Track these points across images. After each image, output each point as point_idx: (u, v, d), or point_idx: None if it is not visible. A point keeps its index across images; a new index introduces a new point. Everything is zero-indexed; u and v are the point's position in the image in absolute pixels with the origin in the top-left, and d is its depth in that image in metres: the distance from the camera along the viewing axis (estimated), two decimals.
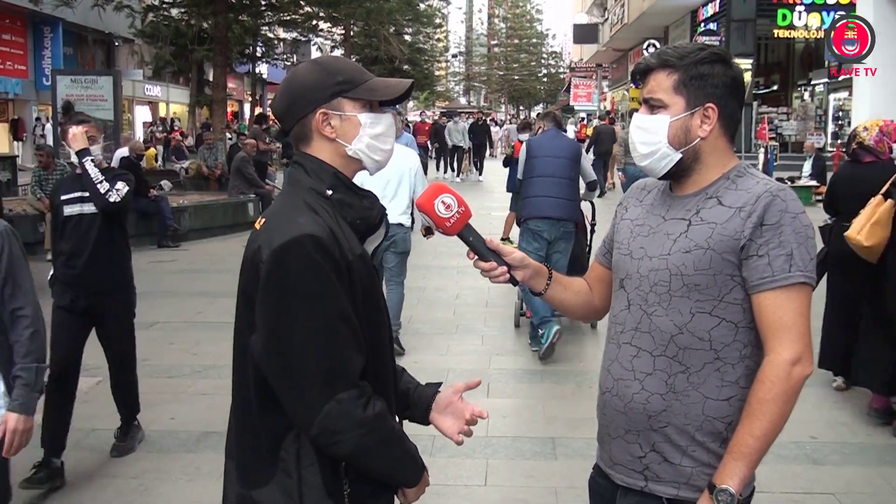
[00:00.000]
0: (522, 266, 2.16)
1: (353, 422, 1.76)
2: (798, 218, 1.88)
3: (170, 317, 7.81)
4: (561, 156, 6.78)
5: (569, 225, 6.76)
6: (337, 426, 1.75)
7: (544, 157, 6.79)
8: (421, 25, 37.61)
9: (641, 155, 2.03)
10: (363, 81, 1.93)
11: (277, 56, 31.08)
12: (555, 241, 6.69)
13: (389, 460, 1.87)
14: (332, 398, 1.75)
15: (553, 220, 6.63)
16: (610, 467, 2.10)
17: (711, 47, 2.01)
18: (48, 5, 16.10)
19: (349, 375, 1.78)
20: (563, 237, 6.72)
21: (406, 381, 2.15)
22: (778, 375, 1.84)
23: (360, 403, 1.77)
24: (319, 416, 1.74)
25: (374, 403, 1.80)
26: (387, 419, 1.84)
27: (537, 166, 6.78)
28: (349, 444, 1.77)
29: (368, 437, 1.79)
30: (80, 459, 4.68)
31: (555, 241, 6.69)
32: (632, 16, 33.52)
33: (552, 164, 6.73)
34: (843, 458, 4.74)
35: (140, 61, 25.00)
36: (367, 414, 1.77)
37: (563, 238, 6.73)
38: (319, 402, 1.75)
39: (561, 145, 6.92)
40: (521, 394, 5.84)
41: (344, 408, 1.75)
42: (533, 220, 6.71)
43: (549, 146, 6.89)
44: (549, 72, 71.84)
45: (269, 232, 1.81)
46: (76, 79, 14.90)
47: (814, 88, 27.55)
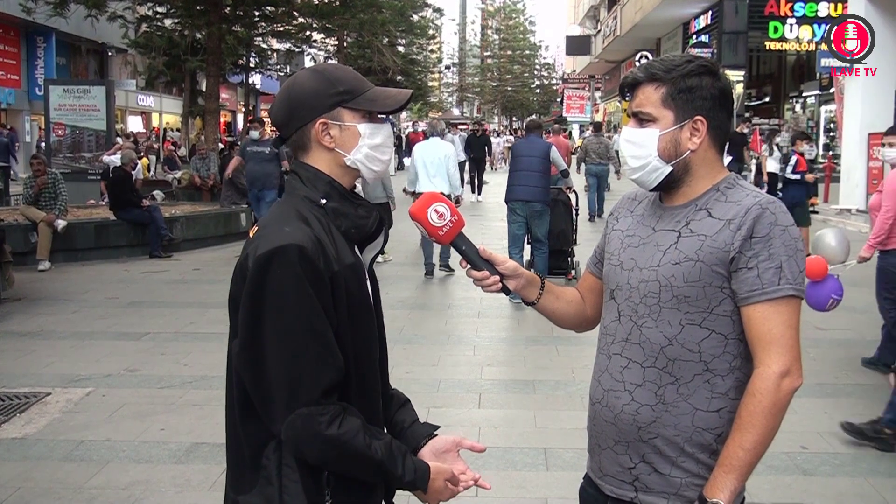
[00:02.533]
0: (515, 276, 2.16)
1: (312, 436, 1.76)
2: (787, 231, 1.88)
3: (161, 327, 7.79)
4: (533, 154, 9.24)
5: (536, 205, 9.19)
6: (299, 438, 1.77)
7: (521, 157, 9.33)
8: (414, 37, 37.76)
9: (632, 168, 2.04)
10: (363, 91, 1.93)
11: (271, 67, 31.15)
12: (529, 216, 9.25)
13: (360, 473, 1.86)
14: (294, 411, 1.75)
15: (524, 201, 9.19)
16: (600, 478, 2.10)
17: (699, 59, 2.01)
18: (41, 15, 16.11)
19: (311, 391, 1.76)
20: (534, 213, 9.23)
21: (403, 413, 2.13)
22: (767, 388, 1.83)
23: (321, 420, 1.76)
24: (284, 426, 1.76)
25: (338, 422, 1.77)
26: (350, 441, 1.78)
27: (516, 163, 9.36)
28: (313, 455, 1.79)
29: (330, 452, 1.79)
30: (70, 471, 4.66)
31: (529, 216, 9.25)
32: (624, 28, 33.71)
33: (526, 161, 9.24)
34: (834, 468, 4.74)
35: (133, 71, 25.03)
36: (328, 432, 1.76)
37: (535, 214, 9.24)
38: (283, 414, 1.76)
39: (533, 146, 9.38)
40: (513, 404, 5.84)
41: (305, 422, 1.75)
42: (511, 202, 9.36)
43: (525, 147, 9.46)
44: (541, 83, 72.08)
45: (257, 240, 1.82)
46: (69, 89, 14.89)
47: (805, 100, 27.72)
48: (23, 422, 5.40)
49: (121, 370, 6.42)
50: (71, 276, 10.58)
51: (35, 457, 4.87)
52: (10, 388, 6.06)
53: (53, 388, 6.05)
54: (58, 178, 11.56)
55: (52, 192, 11.33)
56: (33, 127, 26.84)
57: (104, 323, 7.98)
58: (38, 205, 11.21)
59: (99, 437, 5.16)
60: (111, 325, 7.79)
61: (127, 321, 8.03)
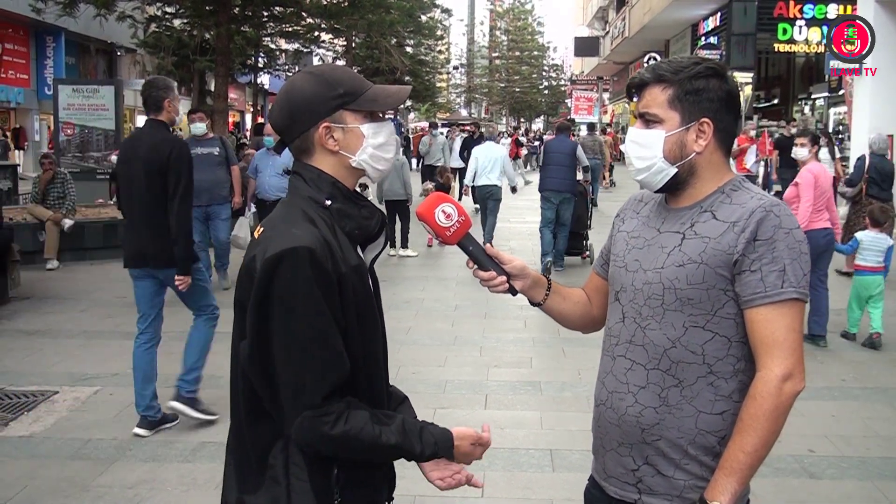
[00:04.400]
0: (522, 276, 2.16)
1: (319, 437, 1.78)
2: (792, 233, 1.88)
3: (167, 327, 7.72)
4: (562, 152, 11.03)
5: (566, 194, 10.93)
6: (308, 439, 1.79)
7: (553, 153, 11.08)
8: (422, 37, 37.72)
9: (637, 169, 2.03)
10: (363, 91, 1.93)
11: (279, 67, 31.14)
12: (559, 203, 10.93)
13: (379, 459, 1.91)
14: (300, 414, 1.77)
15: (556, 191, 10.91)
16: (604, 479, 2.10)
17: (707, 61, 2.01)
18: (51, 15, 16.13)
19: (313, 395, 1.77)
20: (563, 201, 10.95)
21: (402, 411, 2.12)
22: (769, 391, 1.83)
23: (325, 421, 1.77)
24: (292, 427, 1.78)
25: (343, 420, 1.79)
26: (357, 435, 1.80)
27: (549, 158, 11.10)
28: (328, 452, 1.82)
29: (341, 449, 1.82)
30: (77, 469, 4.67)
31: (559, 203, 10.93)
32: (633, 29, 33.65)
33: (557, 158, 11.00)
34: (841, 471, 4.73)
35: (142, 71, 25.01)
36: (333, 432, 1.77)
37: (564, 201, 10.96)
38: (292, 414, 1.78)
39: (563, 145, 11.14)
40: (520, 405, 5.83)
41: (310, 424, 1.77)
42: (544, 191, 11.04)
43: (556, 146, 11.20)
44: (550, 84, 71.95)
45: (265, 241, 1.83)
46: (78, 88, 14.90)
47: (814, 102, 27.62)
48: (30, 420, 5.43)
49: (128, 369, 6.38)
50: (79, 275, 10.61)
51: (42, 455, 4.89)
52: (17, 386, 6.09)
53: (61, 387, 6.07)
54: (66, 178, 11.59)
55: (61, 192, 11.37)
56: (42, 126, 26.91)
57: (112, 322, 8.00)
58: (45, 203, 11.25)
59: (106, 435, 5.17)
60: (119, 325, 7.80)
61: (135, 320, 8.02)
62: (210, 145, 9.30)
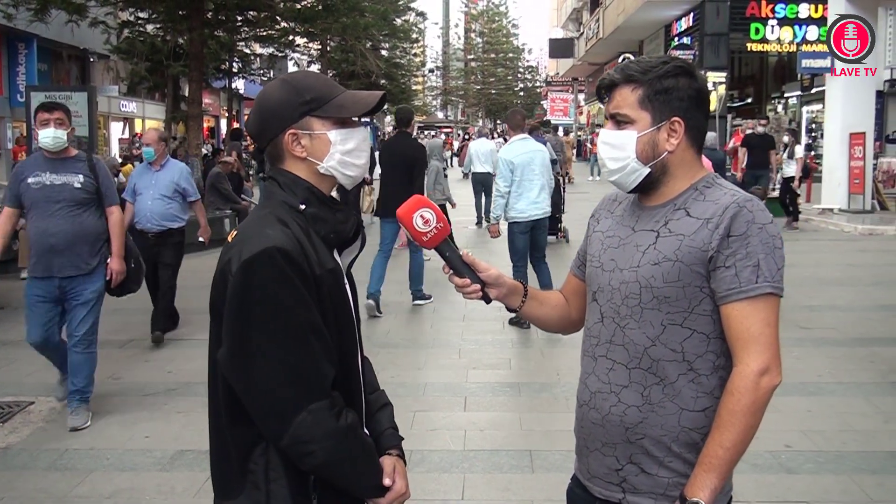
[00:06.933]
0: (497, 284, 2.16)
1: (325, 432, 1.77)
2: (765, 228, 1.88)
3: (145, 334, 7.74)
4: None
5: None
6: (309, 436, 1.76)
7: None
8: (397, 41, 37.73)
9: (610, 170, 2.03)
10: (332, 98, 1.92)
11: (254, 71, 31.03)
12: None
13: (359, 472, 1.87)
14: (305, 409, 1.75)
15: None
16: (588, 480, 2.10)
17: (675, 60, 2.01)
18: (22, 21, 15.97)
19: (321, 386, 1.78)
20: None
21: (378, 418, 2.12)
22: (746, 387, 1.84)
23: (332, 414, 1.78)
24: (291, 427, 1.75)
25: (346, 414, 1.82)
26: (358, 430, 1.86)
27: None
28: (321, 454, 1.78)
29: (340, 447, 1.80)
30: (55, 480, 4.62)
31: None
32: (606, 30, 33.85)
33: None
34: (818, 466, 4.77)
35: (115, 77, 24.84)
36: (339, 424, 1.79)
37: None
38: (291, 414, 1.75)
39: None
40: (499, 407, 5.84)
41: (316, 418, 1.76)
42: None
43: None
44: (525, 86, 72.18)
45: (239, 245, 1.82)
46: (51, 95, 14.71)
47: (787, 101, 27.88)
48: (6, 431, 5.36)
49: (105, 378, 6.37)
50: None
51: (19, 466, 4.83)
52: None
53: (37, 397, 6.01)
54: None
55: None
56: (15, 134, 26.64)
57: None
58: None
59: (83, 445, 5.12)
60: None
61: (110, 328, 7.97)
62: (67, 170, 5.63)
